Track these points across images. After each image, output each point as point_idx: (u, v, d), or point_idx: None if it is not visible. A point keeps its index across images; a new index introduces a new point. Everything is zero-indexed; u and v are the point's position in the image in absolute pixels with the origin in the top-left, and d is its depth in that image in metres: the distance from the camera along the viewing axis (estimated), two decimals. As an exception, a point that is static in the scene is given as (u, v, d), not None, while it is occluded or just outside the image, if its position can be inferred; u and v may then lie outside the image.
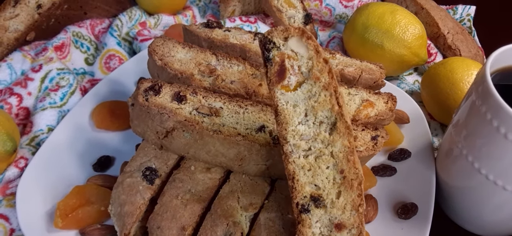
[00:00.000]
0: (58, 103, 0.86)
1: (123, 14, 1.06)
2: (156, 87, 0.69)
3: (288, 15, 1.09)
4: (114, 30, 1.02)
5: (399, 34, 0.97)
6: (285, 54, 0.53)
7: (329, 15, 1.18)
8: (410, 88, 1.05)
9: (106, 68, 0.98)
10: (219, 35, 0.83)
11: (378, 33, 0.98)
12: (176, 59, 0.76)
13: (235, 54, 0.80)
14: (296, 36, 0.52)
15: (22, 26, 0.95)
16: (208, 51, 0.78)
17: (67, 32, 1.00)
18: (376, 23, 0.99)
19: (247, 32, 0.84)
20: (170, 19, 1.11)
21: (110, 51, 0.99)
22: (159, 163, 0.71)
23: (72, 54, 0.99)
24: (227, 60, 0.77)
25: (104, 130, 0.84)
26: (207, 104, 0.69)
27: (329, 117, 0.54)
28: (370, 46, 1.00)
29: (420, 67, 1.09)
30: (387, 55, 0.98)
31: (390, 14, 0.99)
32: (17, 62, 0.93)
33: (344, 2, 1.16)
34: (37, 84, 0.89)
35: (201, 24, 0.85)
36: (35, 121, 0.83)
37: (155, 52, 0.77)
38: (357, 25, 1.02)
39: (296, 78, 0.53)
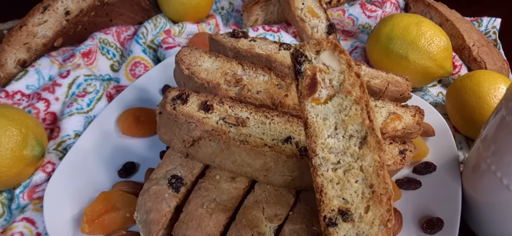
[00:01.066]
0: (84, 109, 0.87)
1: (148, 22, 1.08)
2: (183, 96, 0.70)
3: (311, 25, 1.09)
4: (139, 37, 1.03)
5: (424, 45, 0.96)
6: (317, 68, 0.53)
7: (352, 25, 1.17)
8: (434, 100, 1.04)
9: (131, 75, 0.99)
10: (245, 45, 0.83)
11: (403, 44, 0.98)
12: (202, 69, 0.77)
13: (261, 64, 0.80)
14: (328, 50, 0.52)
15: (50, 32, 0.97)
16: (234, 61, 0.79)
17: (94, 39, 1.02)
18: (401, 34, 0.98)
19: (272, 42, 0.85)
20: (193, 27, 1.12)
21: (135, 58, 1.00)
22: (185, 171, 0.71)
23: (99, 61, 1.01)
24: (253, 70, 0.77)
25: (129, 137, 0.85)
26: (234, 114, 0.69)
27: (360, 131, 0.53)
28: (395, 57, 0.99)
29: (444, 79, 1.08)
30: (411, 67, 0.98)
31: (416, 26, 0.98)
32: (45, 67, 0.94)
33: (367, 12, 1.15)
34: (64, 89, 0.90)
35: (227, 34, 0.86)
36: (62, 127, 0.84)
37: (182, 61, 0.78)
38: (381, 36, 1.01)
39: (327, 92, 0.53)
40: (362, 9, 1.16)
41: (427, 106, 0.92)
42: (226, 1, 1.26)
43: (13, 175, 0.72)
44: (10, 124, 0.72)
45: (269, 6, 1.15)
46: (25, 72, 0.93)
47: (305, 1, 1.08)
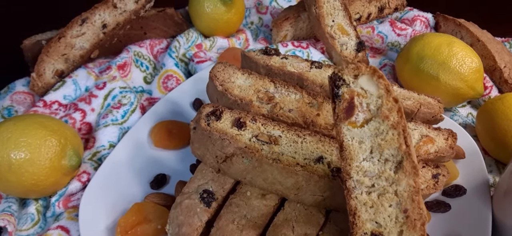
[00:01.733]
0: (119, 120, 0.90)
1: (181, 36, 1.10)
2: (217, 112, 0.72)
3: (340, 42, 1.09)
4: (172, 51, 1.06)
5: (455, 66, 0.96)
6: (355, 92, 0.53)
7: (381, 42, 1.18)
8: (464, 120, 1.03)
9: (164, 88, 1.01)
10: (277, 62, 0.84)
11: (433, 64, 0.97)
12: (236, 85, 0.79)
13: (293, 82, 0.81)
14: (367, 75, 0.53)
15: (88, 44, 1.00)
16: (267, 78, 0.80)
17: (129, 51, 1.04)
18: (432, 54, 0.98)
19: (303, 60, 0.86)
20: (224, 41, 1.14)
21: (168, 71, 1.03)
22: (216, 186, 0.73)
23: (133, 73, 1.03)
24: (285, 88, 0.79)
25: (161, 149, 0.87)
26: (266, 131, 0.70)
27: (396, 155, 0.54)
28: (425, 77, 0.99)
29: (474, 100, 1.06)
30: (442, 87, 0.97)
31: (447, 46, 0.98)
32: (82, 78, 0.98)
33: (397, 30, 1.15)
34: (100, 101, 0.93)
35: (259, 51, 0.87)
36: (98, 137, 0.87)
37: (216, 77, 0.79)
38: (412, 55, 1.01)
39: (364, 115, 0.54)
40: (392, 27, 1.16)
41: (457, 128, 0.91)
42: (255, 16, 1.27)
43: (50, 184, 0.75)
44: (50, 134, 0.74)
45: (299, 22, 1.16)
46: (62, 83, 0.96)
47: (335, 18, 1.09)
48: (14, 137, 0.72)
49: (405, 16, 1.23)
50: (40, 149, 0.73)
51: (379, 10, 1.23)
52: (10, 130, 0.72)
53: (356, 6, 1.19)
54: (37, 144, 0.73)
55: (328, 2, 1.08)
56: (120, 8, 1.02)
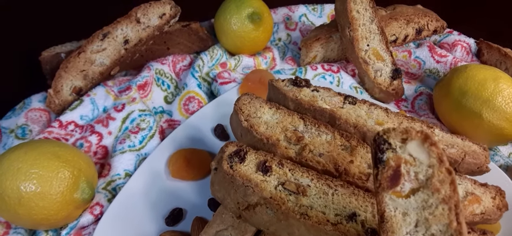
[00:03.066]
0: (137, 146, 0.85)
1: (205, 53, 1.05)
2: (241, 153, 0.66)
3: (374, 68, 1.02)
4: (195, 70, 1.00)
5: (501, 105, 0.88)
6: (402, 159, 0.47)
7: (418, 67, 1.10)
8: (505, 162, 0.95)
9: (185, 110, 0.96)
10: (307, 95, 0.78)
11: (477, 100, 0.89)
12: (262, 121, 0.72)
13: (324, 120, 0.75)
14: (417, 140, 0.46)
15: (108, 61, 0.95)
16: (296, 114, 0.73)
17: (151, 69, 0.99)
18: (476, 89, 0.90)
19: (336, 94, 0.79)
20: (250, 60, 1.08)
21: (190, 92, 0.97)
22: (236, 233, 0.67)
23: (153, 93, 0.98)
24: (315, 127, 0.72)
25: (179, 179, 0.82)
26: (294, 179, 0.64)
27: (444, 232, 0.47)
28: (467, 113, 0.91)
29: (519, 139, 0.98)
30: (485, 126, 0.89)
31: (493, 81, 0.89)
32: (100, 97, 0.93)
33: (436, 56, 1.07)
34: (118, 124, 0.88)
35: (289, 81, 0.81)
36: (113, 164, 0.82)
37: (241, 111, 0.73)
38: (453, 88, 0.93)
39: (410, 185, 0.47)
40: (431, 52, 1.08)
41: (501, 176, 0.83)
42: (283, 33, 1.21)
43: (61, 218, 0.71)
44: (63, 165, 0.70)
45: (330, 43, 1.09)
46: (80, 102, 0.91)
47: (370, 42, 1.01)
48: (25, 168, 0.67)
49: (444, 40, 1.15)
50: (51, 181, 0.68)
51: (417, 32, 1.15)
52: (21, 160, 0.68)
53: (392, 28, 1.11)
54: (48, 177, 0.68)
55: (364, 25, 1.01)
56: (144, 23, 0.97)
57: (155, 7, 0.98)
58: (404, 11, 1.12)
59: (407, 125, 0.75)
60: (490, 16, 1.35)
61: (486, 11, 1.38)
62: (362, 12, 1.00)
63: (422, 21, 1.14)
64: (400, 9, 1.12)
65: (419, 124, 0.76)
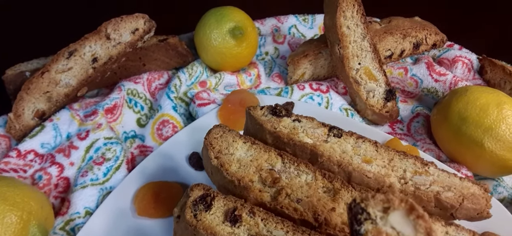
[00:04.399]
0: (100, 179, 0.77)
1: (182, 71, 0.96)
2: (208, 199, 0.58)
3: (367, 89, 0.94)
4: (171, 91, 0.92)
5: (505, 133, 0.79)
6: (384, 233, 0.38)
7: (415, 86, 1.01)
8: (509, 193, 0.86)
9: (158, 136, 0.88)
10: (287, 127, 0.70)
11: (478, 128, 0.81)
12: (234, 159, 0.64)
13: (305, 156, 0.67)
14: (401, 211, 0.38)
15: (74, 81, 0.87)
16: (273, 150, 0.65)
17: (122, 90, 0.91)
18: (477, 115, 0.82)
19: (320, 125, 0.71)
20: (232, 78, 0.99)
21: (164, 116, 0.89)
22: None
23: (124, 116, 0.90)
24: (294, 166, 0.64)
25: (146, 218, 0.74)
26: (266, 231, 0.56)
27: None
28: (467, 141, 0.82)
29: (524, 168, 0.89)
30: (487, 156, 0.81)
31: (496, 107, 0.81)
32: (64, 122, 0.85)
33: (434, 75, 0.99)
34: (81, 153, 0.80)
35: (268, 109, 0.72)
36: (73, 201, 0.74)
37: (211, 146, 0.65)
38: (452, 113, 0.85)
39: (393, 265, 0.39)
40: (429, 70, 0.99)
41: (504, 215, 0.75)
42: (271, 46, 1.12)
43: (8, 267, 0.63)
44: (10, 209, 0.62)
45: (319, 59, 1.01)
46: (41, 128, 0.83)
47: (362, 61, 0.93)
48: (-35, 213, 0.60)
49: (444, 55, 1.06)
50: (-5, 228, 0.60)
51: (415, 46, 1.06)
52: (-38, 203, 0.60)
53: (387, 42, 1.03)
54: (-9, 223, 0.60)
55: (355, 42, 0.92)
56: (114, 39, 0.89)
57: (127, 22, 0.90)
58: (400, 24, 1.03)
59: (398, 164, 0.67)
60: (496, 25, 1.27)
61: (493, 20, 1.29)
62: (353, 28, 0.92)
63: (420, 35, 1.05)
64: (396, 22, 1.04)
65: (412, 160, 0.68)
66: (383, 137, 0.87)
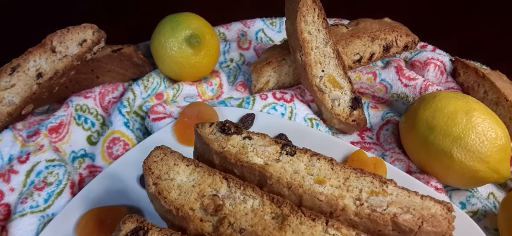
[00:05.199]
0: (41, 206, 0.72)
1: (137, 83, 0.91)
2: (140, 232, 0.53)
3: (331, 97, 0.89)
4: (123, 105, 0.86)
5: (474, 143, 0.74)
6: None
7: (384, 91, 0.96)
8: (483, 205, 0.82)
9: (108, 154, 0.82)
10: (236, 145, 0.65)
11: (446, 137, 0.76)
12: (175, 184, 0.59)
13: (254, 177, 0.61)
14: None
15: (18, 99, 0.82)
16: (218, 174, 0.60)
17: (69, 106, 0.86)
18: (445, 124, 0.77)
19: (272, 142, 0.66)
20: (192, 89, 0.94)
21: (114, 133, 0.83)
22: None
23: (72, 134, 0.85)
24: (241, 190, 0.59)
25: (90, 247, 0.69)
26: (203, 267, 0.51)
27: None
28: (435, 152, 0.78)
29: (498, 175, 0.85)
30: (456, 167, 0.76)
31: (465, 115, 0.76)
32: (6, 144, 0.79)
33: (404, 79, 0.94)
34: (21, 178, 0.75)
35: (217, 126, 0.67)
36: (11, 231, 0.68)
37: (150, 171, 0.60)
38: (419, 122, 0.80)
39: None
40: (398, 75, 0.94)
41: (475, 231, 0.71)
42: (236, 52, 1.07)
43: None
44: None
45: (284, 66, 0.96)
46: (-19, 151, 0.78)
47: (325, 68, 0.88)
48: None
49: (416, 58, 1.01)
50: None
51: (385, 49, 1.01)
52: None
53: (355, 46, 0.98)
54: None
55: (317, 48, 0.87)
56: (60, 52, 0.84)
57: (73, 33, 0.85)
58: (368, 27, 0.98)
59: (354, 183, 0.62)
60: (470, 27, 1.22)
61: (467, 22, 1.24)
62: (315, 33, 0.87)
63: (390, 37, 1.00)
64: (364, 25, 0.99)
65: (369, 178, 0.63)
66: (348, 149, 0.82)
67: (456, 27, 1.22)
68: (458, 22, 1.24)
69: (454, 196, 0.84)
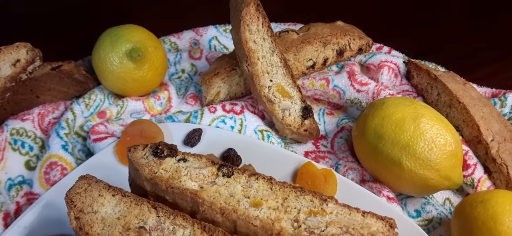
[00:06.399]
0: (-32, 243, 0.67)
1: (77, 102, 0.87)
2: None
3: (281, 107, 0.86)
4: (62, 127, 0.82)
5: (423, 151, 0.72)
6: None
7: (338, 97, 0.94)
8: (439, 212, 0.80)
9: (45, 181, 0.78)
10: (169, 169, 0.61)
11: (395, 146, 0.74)
12: (98, 218, 0.55)
13: (187, 204, 0.58)
14: None
15: None
16: (147, 203, 0.57)
17: (4, 131, 0.81)
18: (393, 132, 0.74)
19: (209, 164, 0.62)
20: (138, 104, 0.90)
21: (52, 157, 0.79)
22: None
23: (8, 160, 0.80)
24: (170, 219, 0.55)
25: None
26: None
27: None
28: (385, 161, 0.75)
29: (454, 180, 0.83)
30: (406, 176, 0.74)
31: (413, 121, 0.74)
32: None
33: (356, 85, 0.91)
34: None
35: (150, 149, 0.63)
36: None
37: (72, 204, 0.56)
38: (368, 130, 0.78)
39: None
40: (350, 80, 0.92)
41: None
42: (187, 63, 1.03)
43: None
44: None
45: (233, 76, 0.92)
46: None
47: (273, 77, 0.85)
48: None
49: (370, 61, 0.99)
50: None
51: (338, 53, 0.99)
52: None
53: (307, 52, 0.95)
54: None
55: (264, 58, 0.84)
56: (-9, 74, 0.79)
57: (6, 54, 0.80)
58: (319, 31, 0.96)
59: (293, 203, 0.59)
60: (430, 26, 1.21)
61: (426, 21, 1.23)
62: (260, 42, 0.83)
63: (342, 41, 0.98)
64: (315, 30, 0.96)
65: (309, 197, 0.60)
66: (299, 161, 0.80)
67: (414, 27, 1.20)
68: (416, 22, 1.22)
69: (409, 204, 0.82)
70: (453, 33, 1.18)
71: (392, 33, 1.13)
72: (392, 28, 1.18)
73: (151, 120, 0.88)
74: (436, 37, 1.17)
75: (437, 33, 1.18)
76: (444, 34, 1.18)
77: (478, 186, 0.80)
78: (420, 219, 0.80)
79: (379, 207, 0.73)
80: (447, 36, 1.17)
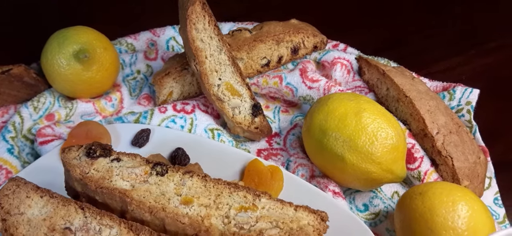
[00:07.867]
0: None
1: (25, 105, 0.86)
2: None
3: (231, 105, 0.86)
4: (8, 131, 0.82)
5: (365, 145, 0.73)
6: None
7: (291, 95, 0.94)
8: (386, 206, 0.81)
9: (-11, 185, 0.77)
10: (101, 170, 0.61)
11: (338, 140, 0.74)
12: (25, 219, 0.55)
13: (117, 204, 0.58)
14: None
15: None
16: (74, 204, 0.56)
17: None
18: (336, 126, 0.75)
19: (143, 163, 0.62)
20: (88, 106, 0.90)
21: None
22: None
23: (-51, 168, 0.80)
24: (97, 219, 0.55)
25: None
26: None
27: None
28: (329, 156, 0.76)
29: (403, 172, 0.84)
30: (350, 170, 0.74)
31: (355, 116, 0.74)
32: None
33: (307, 82, 0.92)
34: None
35: (84, 150, 0.63)
36: None
37: (0, 207, 0.56)
38: (313, 126, 0.78)
39: None
40: (302, 77, 0.92)
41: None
42: (142, 64, 1.02)
43: None
44: None
45: (185, 76, 0.92)
46: None
47: (222, 75, 0.85)
48: None
49: (324, 58, 0.99)
50: None
51: (293, 51, 0.99)
52: None
53: (260, 50, 0.95)
54: None
55: (212, 56, 0.84)
56: None
57: (-52, 58, 0.79)
58: (272, 30, 0.96)
59: (225, 200, 0.59)
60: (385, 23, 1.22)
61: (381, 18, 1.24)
62: (207, 41, 0.83)
63: (296, 39, 0.98)
64: (268, 28, 0.96)
65: (243, 193, 0.60)
66: (246, 158, 0.80)
67: (373, 23, 1.21)
68: (375, 18, 1.23)
69: (357, 198, 0.82)
70: (411, 28, 1.19)
71: (350, 30, 1.14)
72: (350, 25, 1.19)
73: (101, 121, 0.87)
74: (394, 33, 1.17)
75: (395, 29, 1.18)
76: (402, 30, 1.18)
77: (425, 179, 0.80)
78: (368, 213, 0.81)
79: (324, 201, 0.74)
80: (405, 32, 1.18)
